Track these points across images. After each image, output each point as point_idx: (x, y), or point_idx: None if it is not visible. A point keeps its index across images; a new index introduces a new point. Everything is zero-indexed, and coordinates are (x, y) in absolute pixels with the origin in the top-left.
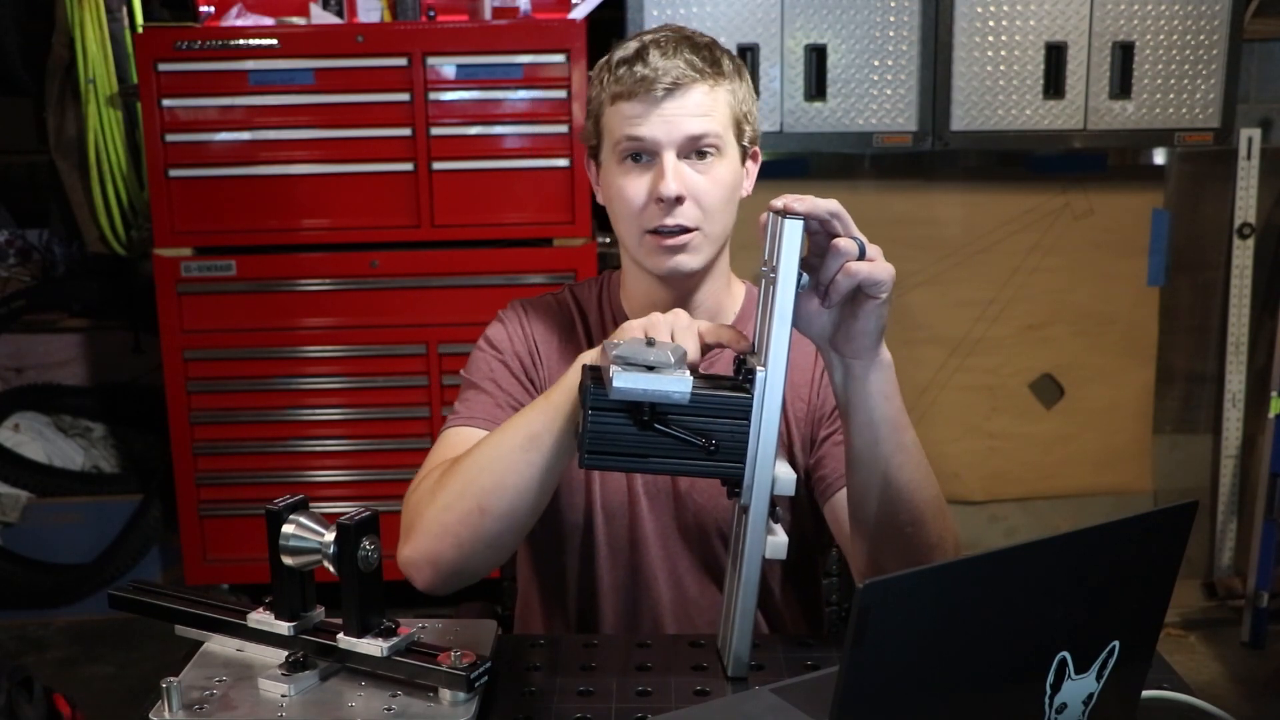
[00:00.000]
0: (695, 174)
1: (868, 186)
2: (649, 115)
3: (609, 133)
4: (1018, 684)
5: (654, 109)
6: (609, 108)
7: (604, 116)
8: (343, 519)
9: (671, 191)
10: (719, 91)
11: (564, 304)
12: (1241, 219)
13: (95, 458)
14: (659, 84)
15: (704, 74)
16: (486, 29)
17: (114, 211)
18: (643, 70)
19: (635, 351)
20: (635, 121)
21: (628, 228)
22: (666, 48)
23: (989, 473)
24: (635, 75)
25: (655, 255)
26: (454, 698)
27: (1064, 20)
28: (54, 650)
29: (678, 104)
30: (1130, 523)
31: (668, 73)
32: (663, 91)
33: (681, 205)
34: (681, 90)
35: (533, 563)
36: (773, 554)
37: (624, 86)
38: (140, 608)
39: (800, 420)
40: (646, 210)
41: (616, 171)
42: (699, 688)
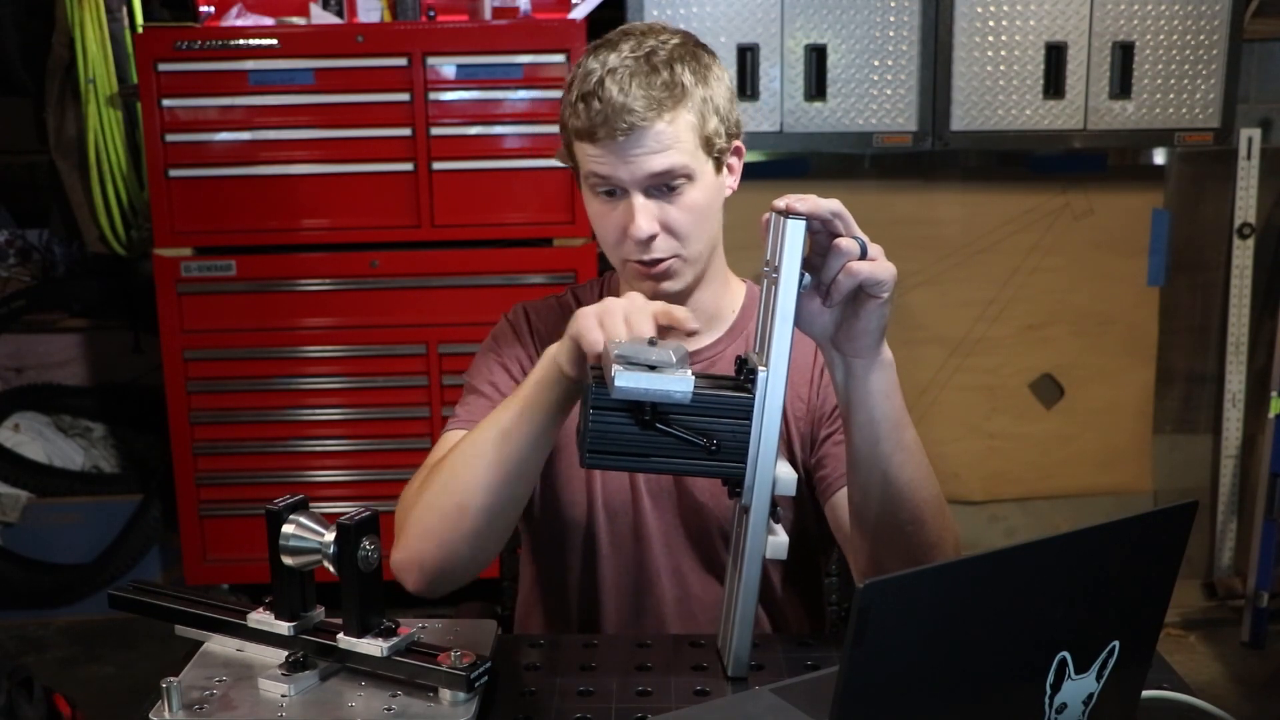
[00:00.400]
0: (666, 205)
1: (868, 186)
2: (610, 158)
3: (580, 163)
4: (1018, 684)
5: (614, 153)
6: (576, 142)
7: (574, 146)
8: (343, 519)
9: (643, 234)
10: (680, 118)
11: (566, 306)
12: (1241, 219)
13: (95, 458)
14: (616, 128)
15: (663, 106)
16: (486, 29)
17: (114, 211)
18: (599, 109)
19: (637, 351)
20: (599, 162)
21: (610, 255)
22: (623, 78)
23: (989, 473)
24: (593, 114)
25: (638, 282)
26: (454, 698)
27: (1064, 20)
28: (54, 650)
29: (637, 145)
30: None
31: (624, 114)
32: (622, 135)
33: (654, 241)
34: (639, 131)
35: (534, 561)
36: (773, 554)
37: (583, 125)
38: (140, 608)
39: (800, 419)
40: (624, 243)
41: (592, 202)
42: (699, 688)
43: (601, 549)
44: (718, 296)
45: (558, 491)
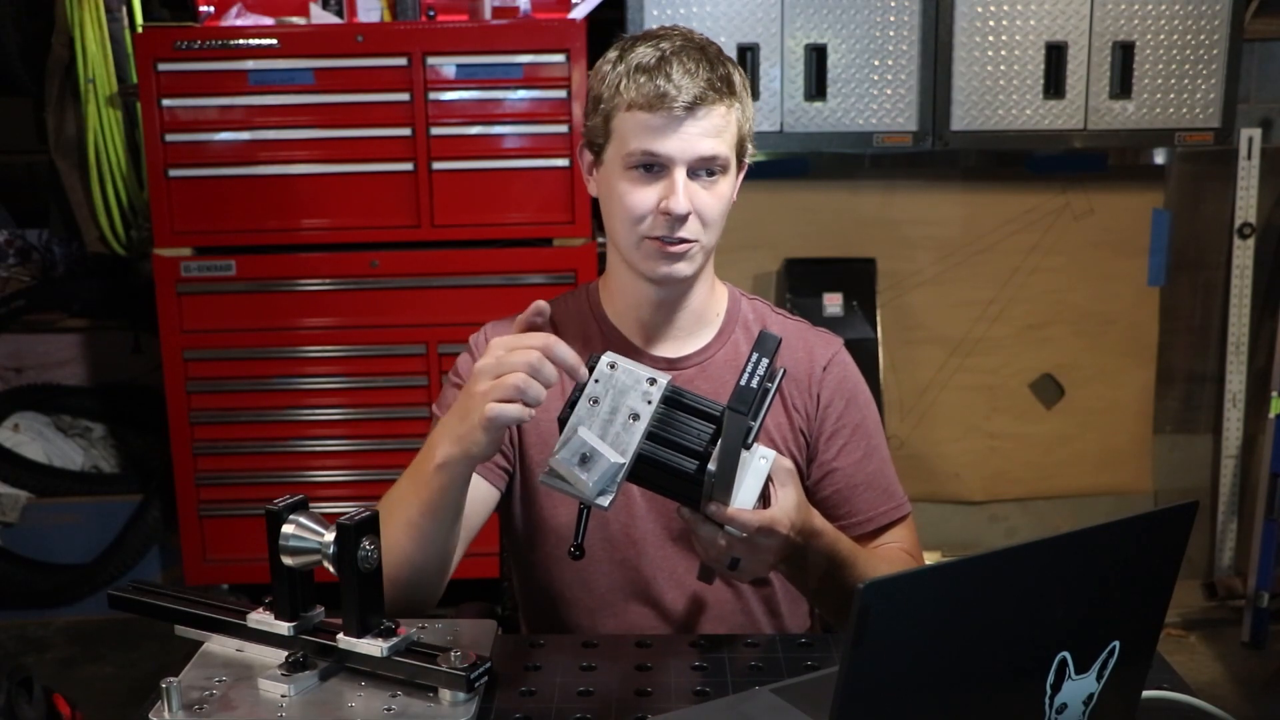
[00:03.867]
0: (701, 190)
1: (868, 186)
2: (667, 131)
3: (619, 138)
4: (1018, 684)
5: (673, 126)
6: (623, 113)
7: (615, 119)
8: (343, 519)
9: (682, 209)
10: (733, 112)
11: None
12: (1242, 219)
13: (95, 458)
14: (679, 102)
15: (722, 94)
16: (486, 29)
17: (114, 211)
18: (664, 85)
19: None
20: (652, 135)
21: (626, 231)
22: (688, 62)
23: (989, 473)
24: (657, 88)
25: (653, 260)
26: (454, 698)
27: (1064, 20)
28: (54, 650)
29: (696, 124)
30: (1130, 523)
31: (689, 91)
32: (683, 110)
33: (687, 220)
34: (701, 110)
35: (525, 571)
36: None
37: (644, 97)
38: (140, 608)
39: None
40: (652, 219)
41: (623, 177)
42: (699, 688)
43: (594, 553)
44: (705, 299)
45: (542, 498)
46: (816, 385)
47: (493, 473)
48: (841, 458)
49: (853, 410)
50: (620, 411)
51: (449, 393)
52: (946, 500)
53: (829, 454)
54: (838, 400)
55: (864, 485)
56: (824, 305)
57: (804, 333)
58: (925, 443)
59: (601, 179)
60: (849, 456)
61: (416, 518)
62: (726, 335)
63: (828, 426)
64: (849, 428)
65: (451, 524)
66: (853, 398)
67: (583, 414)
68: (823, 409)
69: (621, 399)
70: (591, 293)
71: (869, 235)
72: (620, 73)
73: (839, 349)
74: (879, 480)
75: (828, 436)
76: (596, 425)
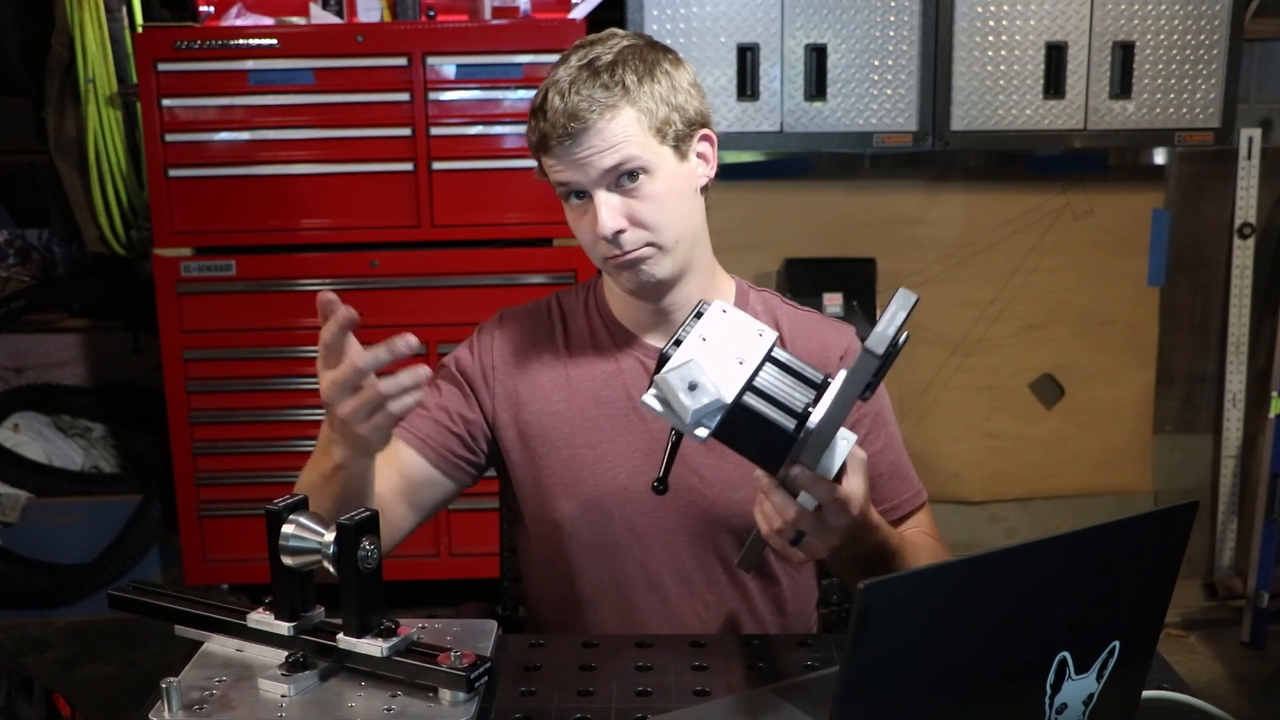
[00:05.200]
0: (629, 200)
1: (868, 186)
2: (563, 163)
3: (549, 177)
4: (1018, 684)
5: (565, 156)
6: (540, 157)
7: (541, 163)
8: (343, 519)
9: (607, 229)
10: (622, 115)
11: (548, 312)
12: (1242, 219)
13: (95, 458)
14: (558, 132)
15: (604, 105)
16: (486, 29)
17: (114, 211)
18: (543, 123)
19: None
20: (557, 170)
21: (592, 258)
22: (564, 87)
23: (989, 473)
24: (539, 128)
25: (619, 276)
26: (454, 698)
27: (1064, 20)
28: (54, 650)
29: (585, 145)
30: (1130, 523)
31: (562, 120)
32: (568, 139)
33: (623, 234)
34: (583, 133)
35: (531, 567)
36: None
37: (536, 138)
38: (140, 608)
39: None
40: (598, 244)
41: (568, 210)
42: (699, 688)
43: (598, 549)
44: (704, 291)
45: (546, 496)
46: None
47: (449, 463)
48: (864, 447)
49: (871, 400)
50: (727, 354)
51: (439, 370)
52: (946, 500)
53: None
54: None
55: (887, 474)
56: (824, 305)
57: (817, 323)
58: (925, 443)
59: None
60: (871, 446)
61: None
62: None
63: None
64: (869, 417)
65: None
66: None
67: (694, 347)
68: None
69: (729, 343)
70: (596, 288)
71: (869, 235)
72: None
73: (853, 338)
74: (899, 468)
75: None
76: (705, 361)
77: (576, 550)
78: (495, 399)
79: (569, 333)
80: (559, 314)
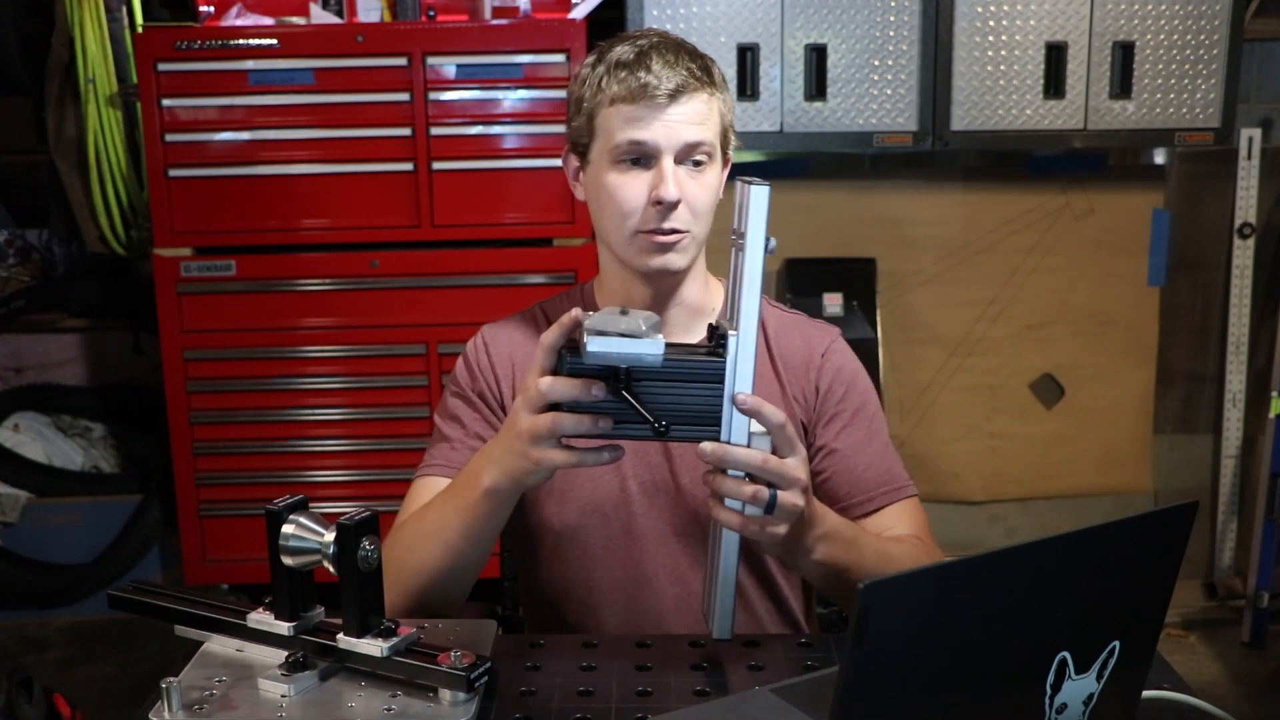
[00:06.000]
0: (689, 179)
1: (868, 186)
2: (652, 120)
3: (604, 133)
4: (1018, 684)
5: (657, 114)
6: (607, 109)
7: (599, 116)
8: (343, 519)
9: (672, 195)
10: (714, 101)
11: (532, 318)
12: (1242, 219)
13: (95, 458)
14: (661, 90)
15: (703, 83)
16: (486, 29)
17: (114, 211)
18: (645, 76)
19: (608, 320)
20: (638, 125)
21: (617, 227)
22: (666, 54)
23: (989, 473)
24: (638, 79)
25: (646, 254)
26: (454, 698)
27: (1064, 20)
28: (54, 650)
29: (679, 111)
30: (1130, 523)
31: (669, 79)
32: (666, 98)
33: (677, 209)
34: (683, 98)
35: (528, 569)
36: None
37: (626, 90)
38: (140, 608)
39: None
40: (642, 212)
41: (611, 172)
42: (699, 688)
43: (594, 552)
44: (699, 294)
45: (541, 499)
46: (815, 373)
47: None
48: (841, 439)
49: (852, 395)
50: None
51: (449, 401)
52: (946, 500)
53: (828, 436)
54: (837, 386)
55: (864, 466)
56: (824, 305)
57: (801, 324)
58: (925, 443)
59: (589, 179)
60: (849, 438)
61: (457, 541)
62: None
63: (827, 410)
64: (849, 411)
65: (490, 544)
66: (852, 383)
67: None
68: (822, 396)
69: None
70: (586, 293)
71: (869, 235)
72: (600, 72)
73: (836, 337)
74: (880, 462)
75: (827, 420)
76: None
77: (573, 554)
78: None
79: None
80: (545, 323)
